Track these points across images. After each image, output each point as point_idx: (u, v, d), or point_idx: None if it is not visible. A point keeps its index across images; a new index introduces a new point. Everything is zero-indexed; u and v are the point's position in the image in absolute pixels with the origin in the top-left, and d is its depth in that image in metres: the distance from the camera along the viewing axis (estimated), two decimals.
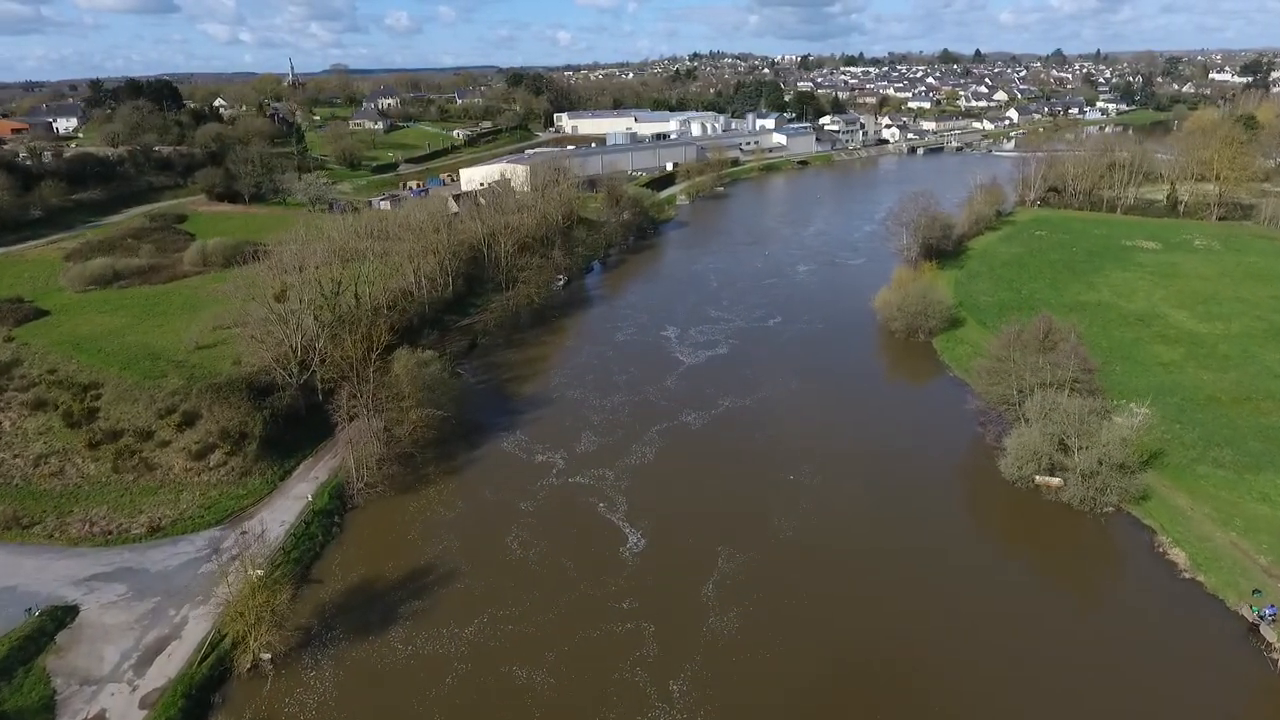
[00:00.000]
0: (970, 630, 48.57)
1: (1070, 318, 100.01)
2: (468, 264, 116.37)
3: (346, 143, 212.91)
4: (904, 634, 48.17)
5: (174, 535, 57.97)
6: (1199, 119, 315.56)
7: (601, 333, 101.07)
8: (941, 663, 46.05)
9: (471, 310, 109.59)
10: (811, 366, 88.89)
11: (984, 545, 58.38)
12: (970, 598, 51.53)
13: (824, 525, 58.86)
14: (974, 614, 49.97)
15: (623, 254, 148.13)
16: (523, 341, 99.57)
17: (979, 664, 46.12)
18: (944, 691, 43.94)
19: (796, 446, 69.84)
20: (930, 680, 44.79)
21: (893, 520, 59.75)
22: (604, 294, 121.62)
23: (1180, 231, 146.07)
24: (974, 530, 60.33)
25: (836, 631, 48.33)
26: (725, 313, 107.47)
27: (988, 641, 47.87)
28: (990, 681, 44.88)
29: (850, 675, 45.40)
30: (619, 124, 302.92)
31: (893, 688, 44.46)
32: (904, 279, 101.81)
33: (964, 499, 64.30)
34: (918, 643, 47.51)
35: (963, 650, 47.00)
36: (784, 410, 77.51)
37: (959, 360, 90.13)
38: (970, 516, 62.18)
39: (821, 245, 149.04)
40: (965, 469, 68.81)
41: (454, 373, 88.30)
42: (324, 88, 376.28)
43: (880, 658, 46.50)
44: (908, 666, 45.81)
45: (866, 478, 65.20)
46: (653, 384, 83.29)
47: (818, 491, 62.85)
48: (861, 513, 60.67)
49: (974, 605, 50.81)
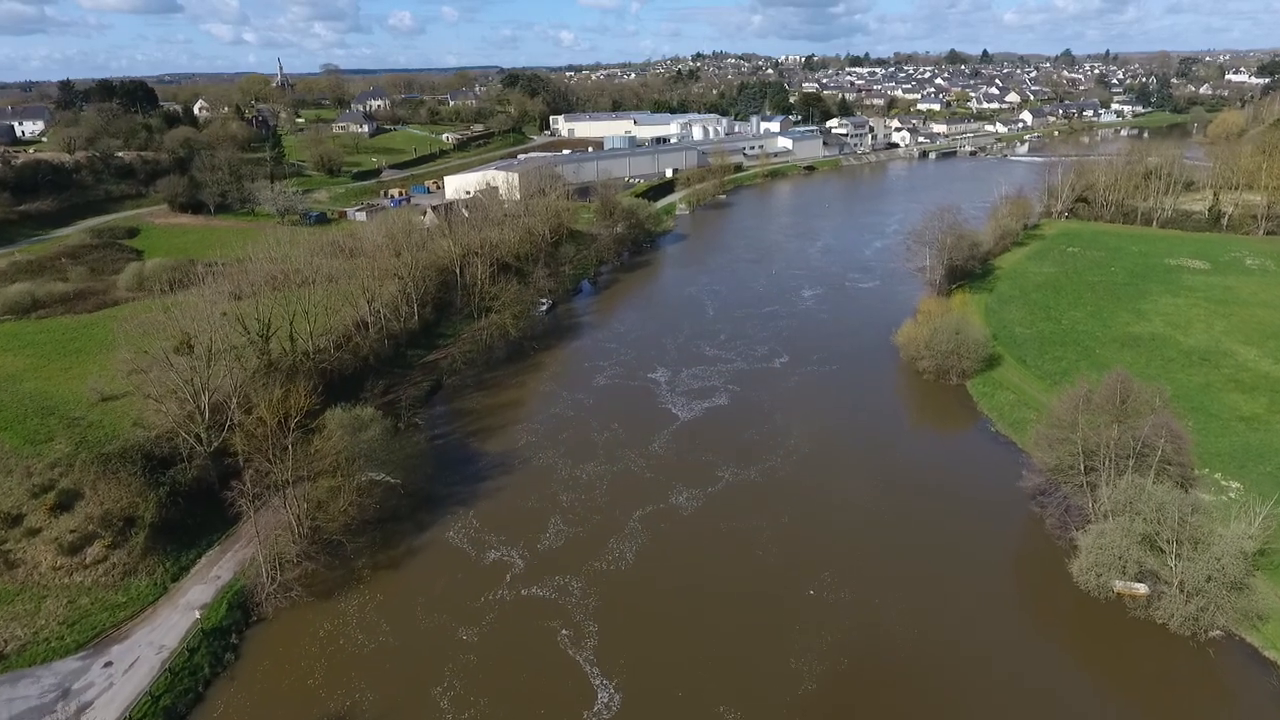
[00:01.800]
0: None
1: (1123, 355, 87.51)
2: (439, 287, 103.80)
3: (325, 147, 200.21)
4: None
5: (18, 668, 45.16)
6: (1224, 122, 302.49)
7: (582, 374, 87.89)
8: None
9: (441, 341, 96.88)
10: (827, 425, 75.03)
11: (1059, 675, 45.39)
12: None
13: (858, 671, 45.50)
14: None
15: (615, 271, 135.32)
16: (494, 382, 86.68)
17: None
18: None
19: (814, 544, 56.55)
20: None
21: (945, 653, 46.70)
22: (591, 321, 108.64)
23: (1227, 248, 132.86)
24: (1043, 653, 47.38)
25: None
26: (723, 350, 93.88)
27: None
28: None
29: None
30: (617, 127, 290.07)
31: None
32: (932, 311, 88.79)
33: (1027, 611, 51.32)
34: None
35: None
36: (796, 488, 63.87)
37: (1000, 410, 77.14)
38: (1038, 635, 49.20)
39: (829, 264, 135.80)
40: (1024, 563, 55.94)
41: (410, 423, 75.72)
42: (314, 88, 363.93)
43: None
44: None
45: (905, 587, 51.67)
46: (637, 447, 69.94)
47: (845, 614, 49.36)
48: (904, 643, 47.33)
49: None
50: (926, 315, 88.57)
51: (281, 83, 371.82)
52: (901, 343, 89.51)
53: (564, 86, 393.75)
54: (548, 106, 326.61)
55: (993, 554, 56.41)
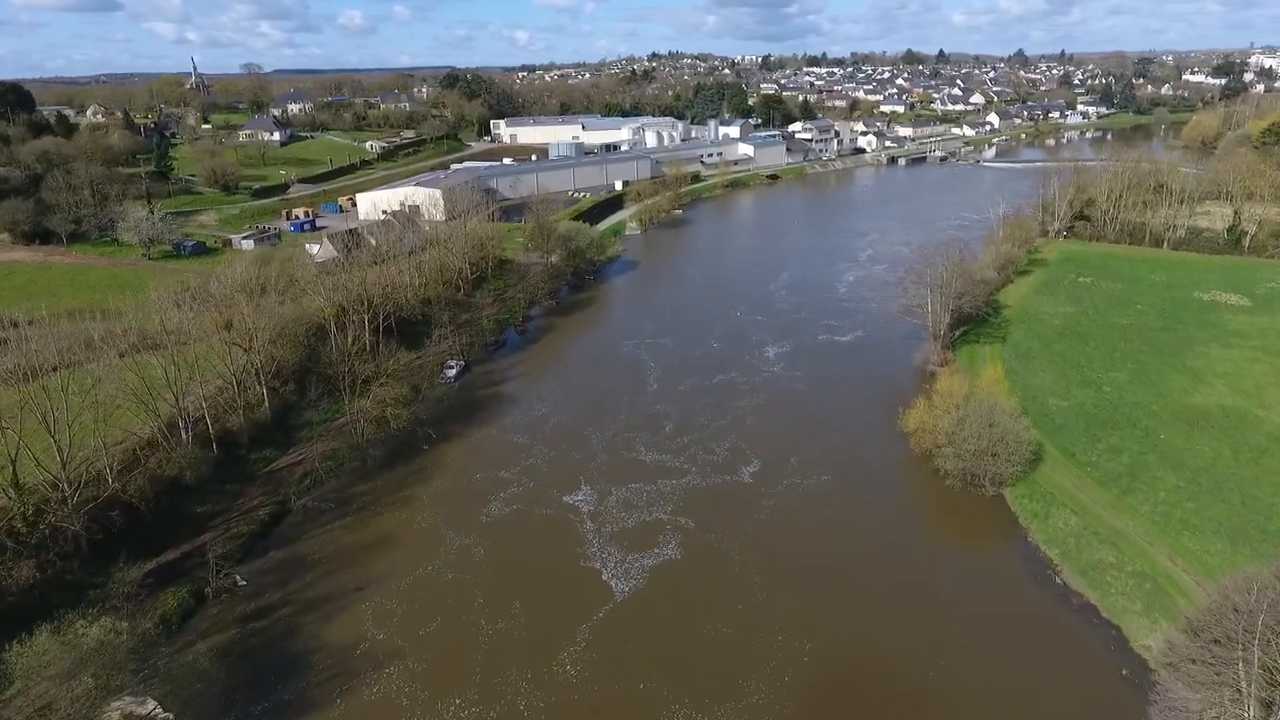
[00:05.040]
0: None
1: (1197, 443, 67.01)
2: (307, 354, 79.49)
3: (219, 160, 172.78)
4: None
5: None
6: (1199, 125, 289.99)
7: (477, 493, 63.22)
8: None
9: (303, 434, 72.51)
10: (826, 600, 49.96)
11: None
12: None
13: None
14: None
15: (549, 314, 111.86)
16: (362, 505, 62.23)
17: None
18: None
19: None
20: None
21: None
22: (507, 393, 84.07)
23: (1259, 277, 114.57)
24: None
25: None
26: (669, 452, 68.58)
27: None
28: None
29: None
30: (564, 132, 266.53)
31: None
32: (948, 389, 67.23)
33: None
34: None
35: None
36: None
37: (1063, 545, 55.54)
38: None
39: (799, 305, 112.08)
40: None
41: (224, 588, 51.85)
42: (232, 90, 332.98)
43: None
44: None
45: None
46: (538, 663, 44.85)
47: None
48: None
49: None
50: (943, 394, 66.99)
51: (197, 84, 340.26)
52: (910, 429, 68.03)
53: (509, 88, 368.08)
54: (489, 110, 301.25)
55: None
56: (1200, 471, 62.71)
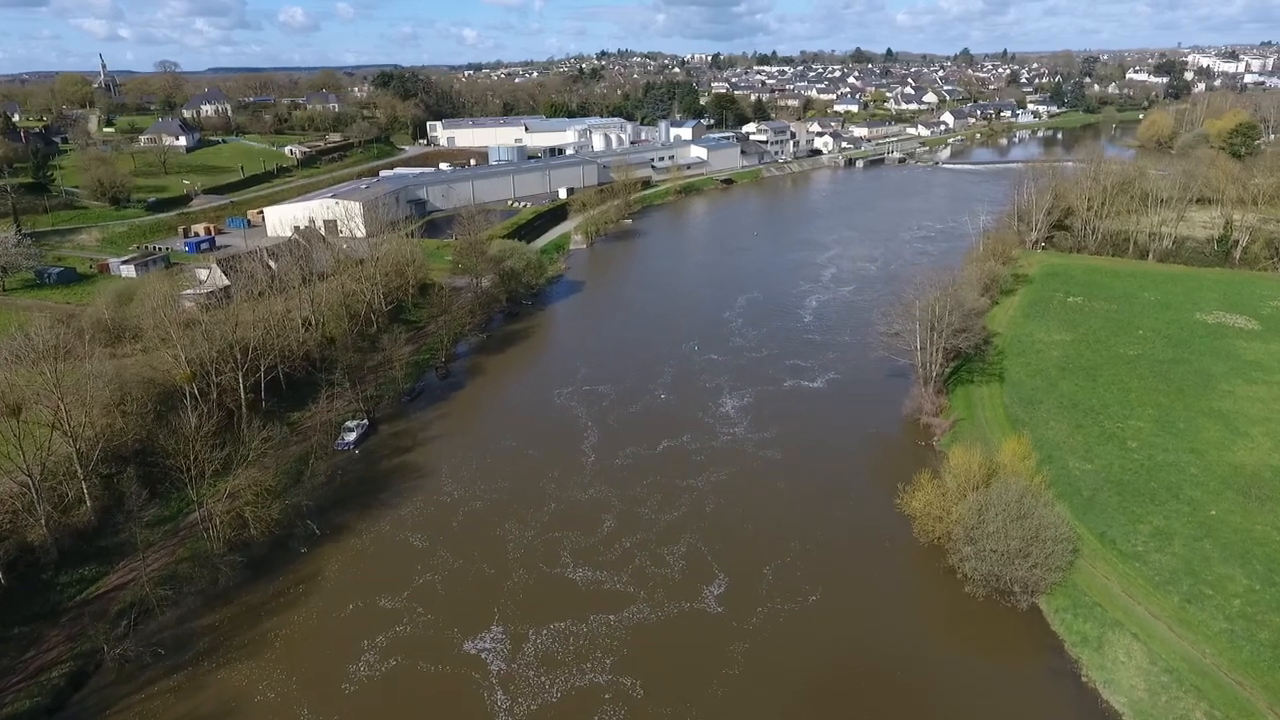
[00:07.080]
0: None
1: (1254, 518, 55.16)
2: (157, 426, 62.63)
3: (107, 169, 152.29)
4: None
5: None
6: (1154, 124, 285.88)
7: (346, 638, 46.64)
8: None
9: (134, 544, 55.50)
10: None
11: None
12: None
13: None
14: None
15: (477, 352, 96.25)
16: (193, 664, 44.69)
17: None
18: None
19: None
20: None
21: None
22: (410, 469, 66.91)
23: (1260, 294, 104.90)
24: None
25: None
26: (606, 568, 52.49)
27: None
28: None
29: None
30: (506, 135, 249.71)
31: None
32: (965, 466, 53.95)
33: None
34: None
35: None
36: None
37: (1123, 682, 42.61)
38: None
39: (761, 339, 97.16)
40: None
41: None
42: (144, 89, 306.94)
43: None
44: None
45: None
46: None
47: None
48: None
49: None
50: (961, 470, 53.74)
51: (105, 83, 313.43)
52: (915, 511, 54.67)
53: (448, 87, 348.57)
54: (426, 110, 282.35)
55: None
56: (1274, 565, 50.62)
